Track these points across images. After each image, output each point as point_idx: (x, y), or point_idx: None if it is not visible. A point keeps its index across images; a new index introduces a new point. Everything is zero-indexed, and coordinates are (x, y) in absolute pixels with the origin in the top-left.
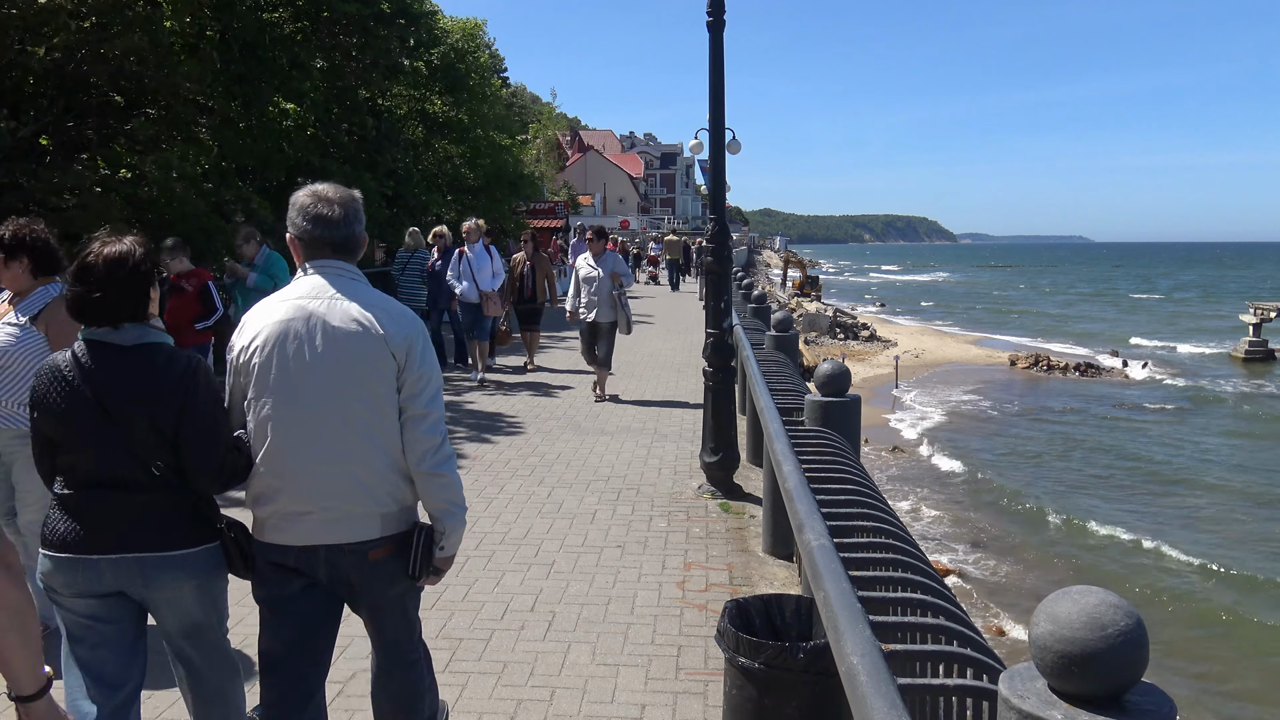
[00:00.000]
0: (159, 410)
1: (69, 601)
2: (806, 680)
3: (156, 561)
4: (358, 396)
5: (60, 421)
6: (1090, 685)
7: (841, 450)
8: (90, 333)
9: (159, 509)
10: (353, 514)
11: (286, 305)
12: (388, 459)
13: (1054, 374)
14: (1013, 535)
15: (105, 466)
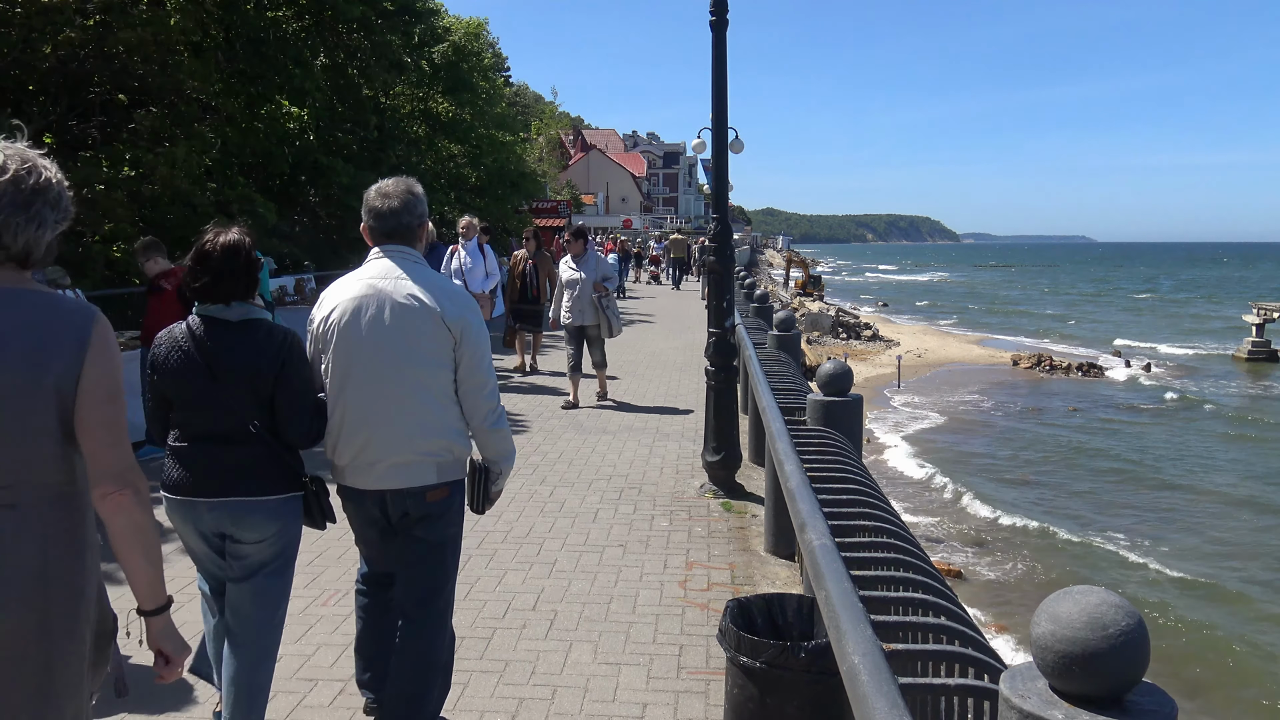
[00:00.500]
0: (259, 377)
1: (189, 538)
2: (808, 680)
3: (247, 505)
4: (418, 363)
5: (176, 383)
6: (1091, 685)
7: (843, 450)
8: (204, 309)
9: (254, 461)
10: (413, 463)
11: (360, 283)
12: (443, 416)
13: (1056, 374)
14: (1014, 535)
15: (211, 423)
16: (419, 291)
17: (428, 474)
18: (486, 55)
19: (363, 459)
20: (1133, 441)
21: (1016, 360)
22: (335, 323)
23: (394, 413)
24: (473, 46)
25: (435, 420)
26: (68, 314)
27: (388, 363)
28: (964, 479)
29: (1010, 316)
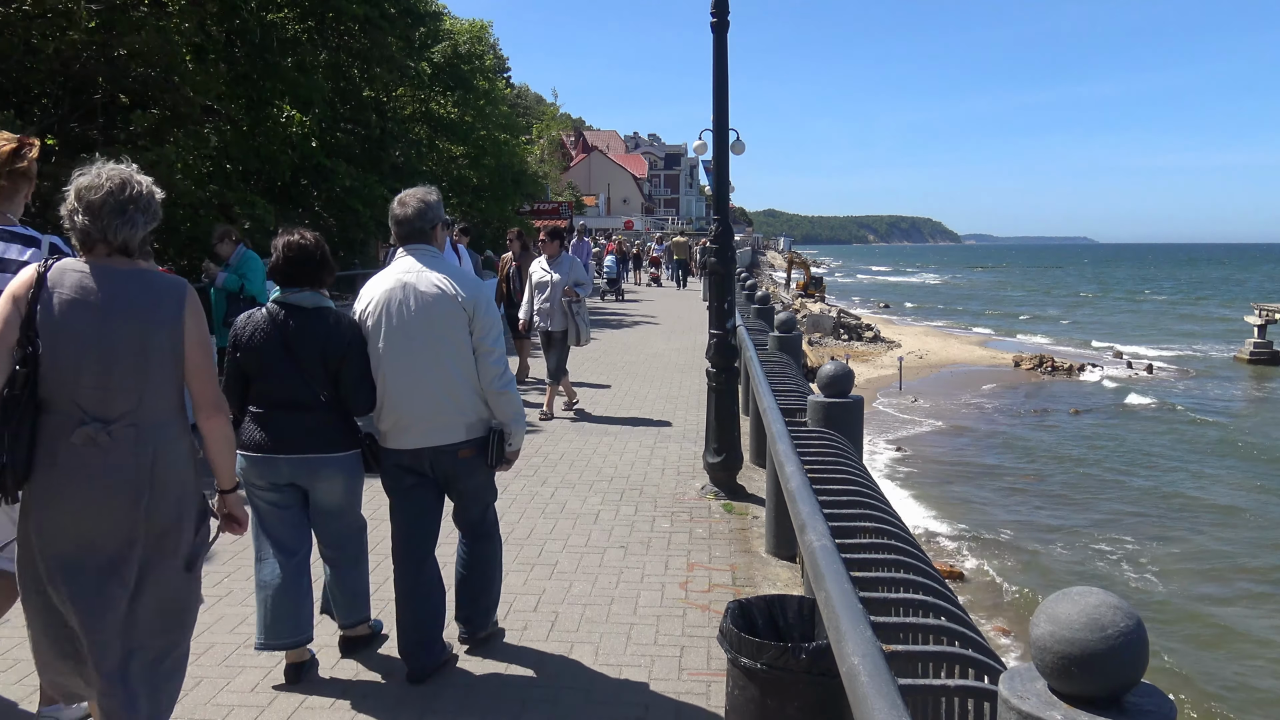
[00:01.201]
0: (329, 355)
1: (259, 491)
2: (809, 681)
3: (320, 460)
4: (442, 340)
5: (257, 359)
6: (1090, 686)
7: (844, 451)
8: (282, 296)
9: (323, 423)
10: (445, 424)
11: (390, 278)
12: (467, 384)
13: (1058, 375)
14: (1015, 538)
15: (288, 393)
16: (437, 280)
17: (457, 433)
18: (488, 57)
19: (401, 424)
20: (1135, 444)
21: (1018, 362)
22: (372, 311)
23: (424, 383)
24: (475, 49)
25: (459, 388)
26: (168, 285)
27: (417, 341)
28: (965, 481)
29: (1012, 318)
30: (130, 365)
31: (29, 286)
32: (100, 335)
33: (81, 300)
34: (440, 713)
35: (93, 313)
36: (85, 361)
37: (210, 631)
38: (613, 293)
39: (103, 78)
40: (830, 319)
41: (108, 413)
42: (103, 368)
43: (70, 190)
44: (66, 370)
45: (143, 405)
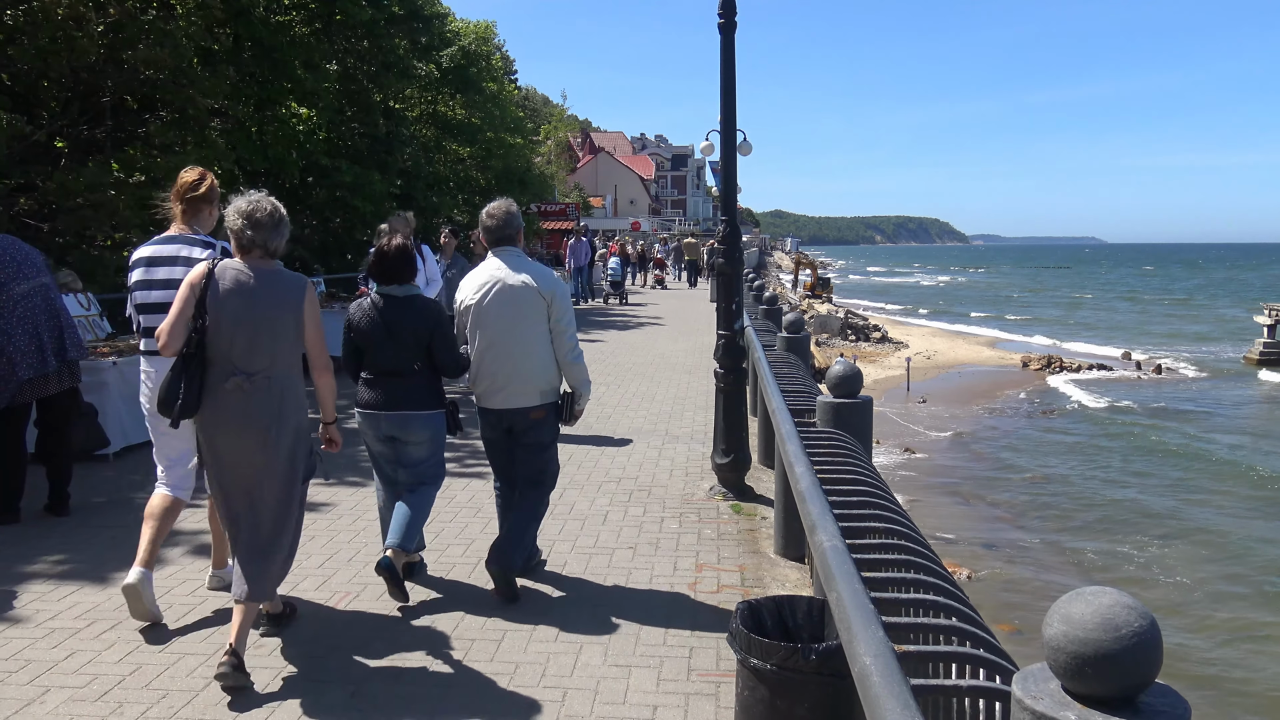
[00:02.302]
0: (419, 333)
1: (371, 439)
2: (818, 682)
3: (413, 417)
4: (525, 324)
5: (365, 337)
6: (1104, 686)
7: (853, 452)
8: (383, 289)
9: (416, 387)
10: (524, 390)
11: (485, 273)
12: (543, 359)
13: (1066, 375)
14: (1023, 538)
15: (389, 363)
16: (522, 275)
17: (532, 398)
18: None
19: (492, 389)
20: (1145, 445)
21: (1026, 362)
22: (471, 301)
23: (510, 358)
24: (481, 50)
25: (536, 363)
26: (294, 280)
27: (505, 325)
28: (973, 481)
29: (1020, 318)
30: (267, 335)
31: (202, 277)
32: (248, 314)
33: (237, 289)
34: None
35: (244, 298)
36: (237, 332)
37: (220, 632)
38: (616, 296)
39: (111, 81)
40: (838, 319)
41: (250, 367)
42: (248, 336)
43: (234, 211)
44: (224, 337)
45: (274, 363)
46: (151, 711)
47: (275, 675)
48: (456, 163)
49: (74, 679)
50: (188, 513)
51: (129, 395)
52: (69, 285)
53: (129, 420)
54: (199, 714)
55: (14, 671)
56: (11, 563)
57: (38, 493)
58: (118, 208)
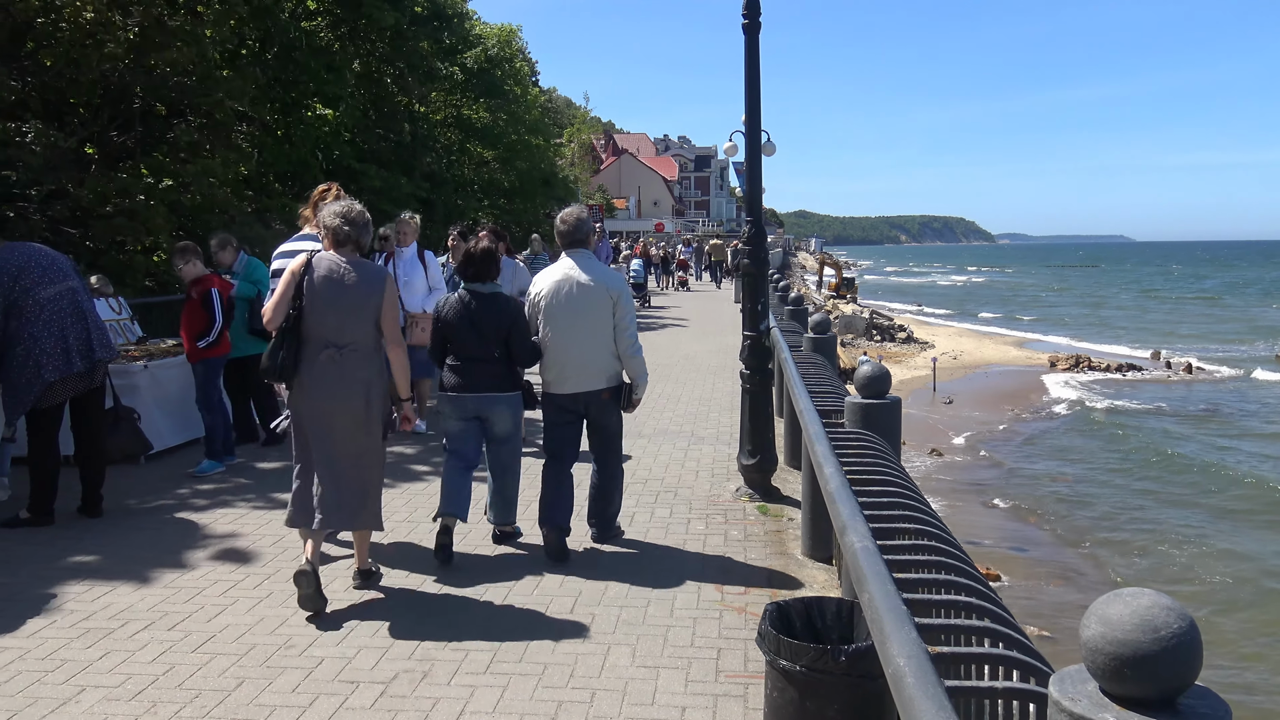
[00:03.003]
0: (499, 325)
1: (451, 419)
2: (848, 683)
3: (495, 398)
4: (593, 318)
5: (452, 328)
6: (1143, 688)
7: (882, 452)
8: (469, 285)
9: (497, 372)
10: (591, 376)
11: (558, 272)
12: (607, 349)
13: (1095, 375)
14: (1052, 539)
15: (473, 350)
16: (591, 275)
17: (600, 383)
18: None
19: (561, 376)
20: (1176, 445)
21: (1054, 362)
22: (545, 296)
23: (579, 348)
24: (505, 53)
25: (602, 352)
26: (377, 270)
27: (575, 319)
28: (1000, 483)
29: (1047, 318)
30: (354, 315)
31: (302, 266)
32: (339, 297)
33: (330, 276)
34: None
35: (335, 284)
36: (329, 311)
37: (251, 632)
38: (639, 297)
39: (139, 87)
40: (863, 320)
41: (341, 341)
42: (338, 315)
43: (331, 212)
44: (318, 316)
45: (360, 339)
46: (185, 711)
47: (305, 675)
48: (480, 165)
49: (108, 678)
50: (218, 515)
51: (160, 398)
52: (100, 289)
53: (162, 423)
54: (231, 713)
55: (50, 671)
56: (46, 564)
57: (71, 494)
58: (148, 213)
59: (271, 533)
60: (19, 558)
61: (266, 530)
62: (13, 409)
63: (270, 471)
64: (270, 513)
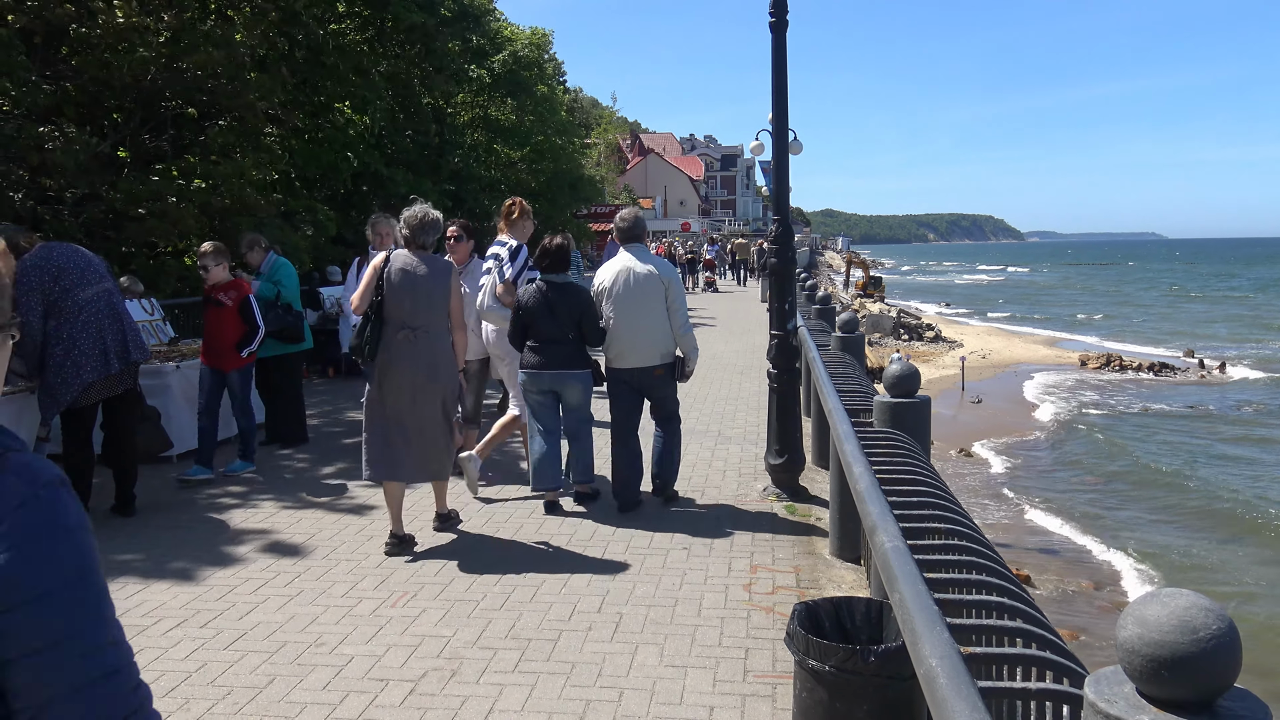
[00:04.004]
0: (572, 311)
1: (532, 394)
2: (878, 684)
3: (568, 374)
4: (650, 302)
5: (532, 314)
6: (1181, 690)
7: (912, 452)
8: (546, 276)
9: (570, 352)
10: (648, 353)
11: (619, 264)
12: (663, 329)
13: (1126, 375)
14: (1083, 540)
15: (549, 334)
16: (647, 265)
17: (654, 359)
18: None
19: (622, 353)
20: (1210, 446)
21: (1084, 361)
22: (608, 284)
23: (636, 329)
24: (534, 56)
25: (657, 332)
26: (445, 264)
27: (634, 303)
28: (1031, 483)
29: (1076, 316)
30: (426, 301)
31: (383, 262)
32: (413, 287)
33: (405, 270)
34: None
35: (410, 275)
36: (405, 299)
37: (282, 630)
38: None
39: (170, 90)
40: (890, 319)
41: (414, 324)
42: (412, 301)
43: (409, 216)
44: (396, 302)
45: (431, 321)
46: (217, 708)
47: (335, 673)
48: (508, 166)
49: (142, 675)
50: (248, 514)
51: (192, 398)
52: (132, 290)
53: (192, 423)
54: (262, 710)
55: None
56: None
57: (104, 494)
58: (180, 216)
59: (302, 531)
60: None
61: (296, 529)
62: (49, 408)
63: (299, 471)
64: (300, 512)
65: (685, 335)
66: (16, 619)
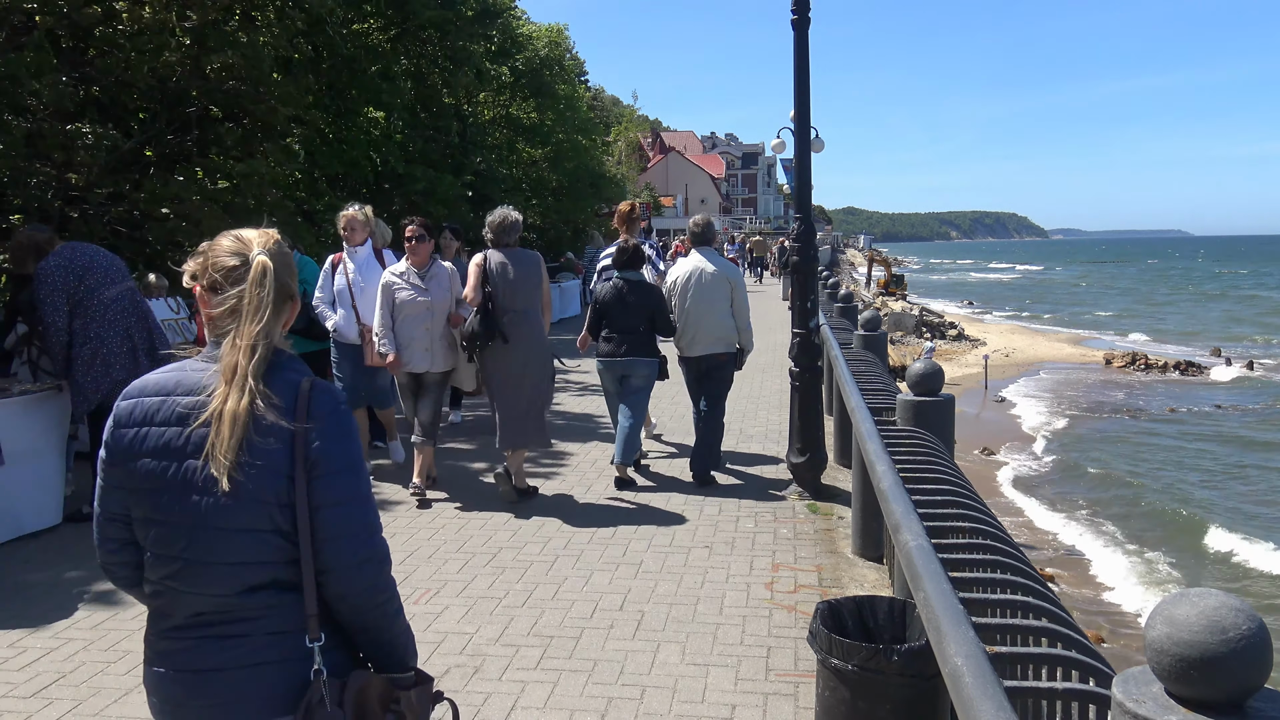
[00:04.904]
0: (645, 305)
1: (607, 380)
2: (901, 683)
3: (637, 360)
4: (718, 300)
5: (608, 307)
6: (1210, 690)
7: (935, 450)
8: (622, 273)
9: (641, 341)
10: (713, 343)
11: (690, 264)
12: (727, 323)
13: (1152, 374)
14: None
15: (623, 325)
16: (715, 266)
17: (718, 348)
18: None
19: (691, 342)
20: (1238, 446)
21: (1109, 359)
22: (679, 282)
23: (705, 320)
24: (553, 53)
25: (722, 325)
26: (535, 257)
27: (702, 300)
28: (1055, 482)
29: (1102, 314)
30: (522, 289)
31: (483, 259)
32: (509, 277)
33: (501, 264)
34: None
35: (504, 269)
36: (506, 288)
37: None
38: None
39: (196, 92)
40: (912, 317)
41: (514, 307)
42: (512, 290)
43: (492, 221)
44: (500, 291)
45: (529, 306)
46: None
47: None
48: (529, 165)
49: None
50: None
51: None
52: (159, 288)
53: None
54: None
55: (113, 662)
56: None
57: None
58: (204, 215)
59: None
60: (83, 551)
61: None
62: (80, 405)
63: None
64: None
65: (746, 330)
66: (326, 481)
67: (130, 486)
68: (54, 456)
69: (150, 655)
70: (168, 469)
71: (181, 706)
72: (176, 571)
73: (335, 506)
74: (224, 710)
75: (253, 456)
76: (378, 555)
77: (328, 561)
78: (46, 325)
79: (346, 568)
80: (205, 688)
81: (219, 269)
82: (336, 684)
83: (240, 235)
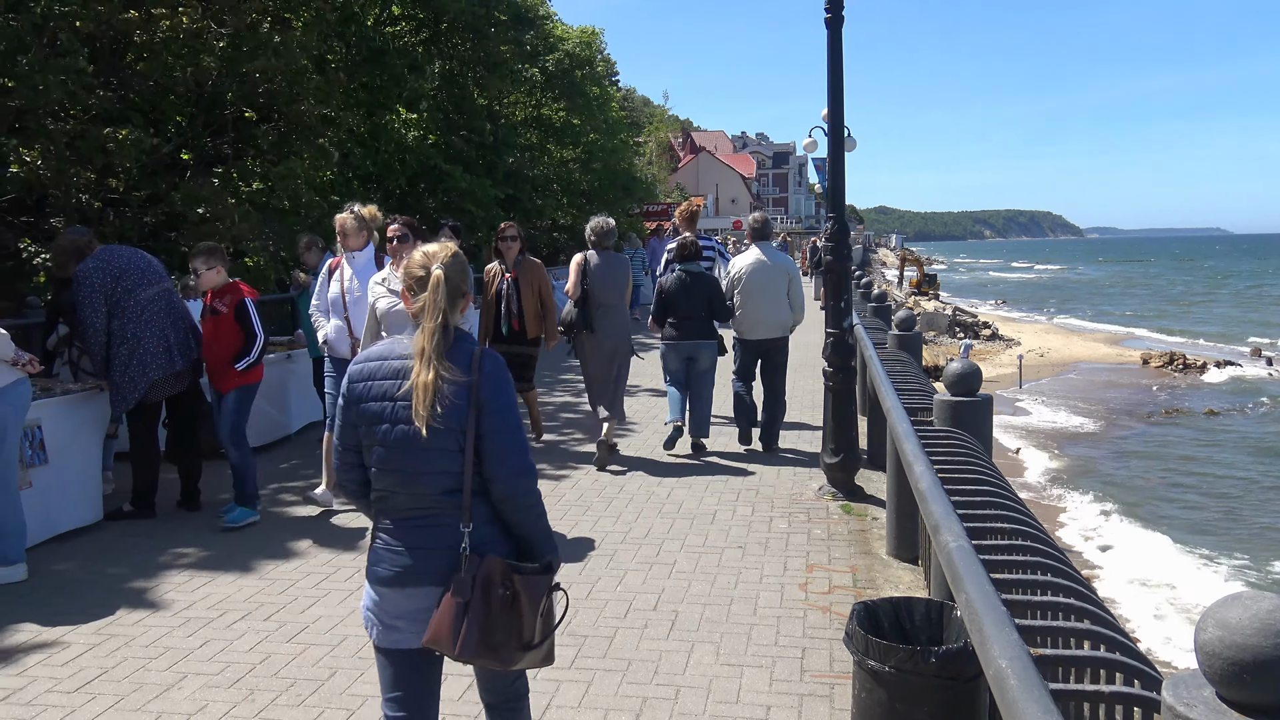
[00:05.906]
0: (705, 293)
1: (671, 360)
2: (938, 685)
3: (702, 344)
4: (776, 288)
5: (673, 295)
6: (1264, 694)
7: (974, 451)
8: (683, 266)
9: (702, 326)
10: (771, 327)
11: (751, 257)
12: (786, 311)
13: (1190, 374)
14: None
15: (688, 311)
16: (773, 259)
17: (775, 333)
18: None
19: (752, 327)
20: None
21: (1146, 359)
22: (742, 273)
23: (765, 307)
24: (585, 55)
25: (781, 311)
26: (622, 259)
27: (763, 289)
28: (1092, 484)
29: (1139, 313)
30: (614, 286)
31: (583, 259)
32: (607, 275)
33: (596, 264)
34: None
35: (601, 269)
36: (600, 285)
37: (344, 624)
38: None
39: (231, 94)
40: (945, 317)
41: (606, 301)
42: (604, 286)
43: (594, 226)
44: (594, 286)
45: (619, 300)
46: (280, 699)
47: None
48: (560, 166)
49: (208, 666)
50: (309, 509)
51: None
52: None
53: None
54: (325, 702)
55: (154, 658)
56: (149, 555)
57: (170, 489)
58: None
59: (362, 525)
60: (123, 549)
61: (356, 524)
62: (119, 405)
63: None
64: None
65: (802, 314)
66: (493, 419)
67: (361, 423)
68: (95, 455)
69: (377, 538)
70: (385, 409)
71: (400, 567)
72: (395, 481)
73: (497, 434)
74: (423, 569)
75: (441, 403)
76: (527, 468)
77: (493, 470)
78: (85, 326)
79: (507, 476)
80: (413, 557)
81: (411, 278)
82: (475, 559)
83: (426, 250)
